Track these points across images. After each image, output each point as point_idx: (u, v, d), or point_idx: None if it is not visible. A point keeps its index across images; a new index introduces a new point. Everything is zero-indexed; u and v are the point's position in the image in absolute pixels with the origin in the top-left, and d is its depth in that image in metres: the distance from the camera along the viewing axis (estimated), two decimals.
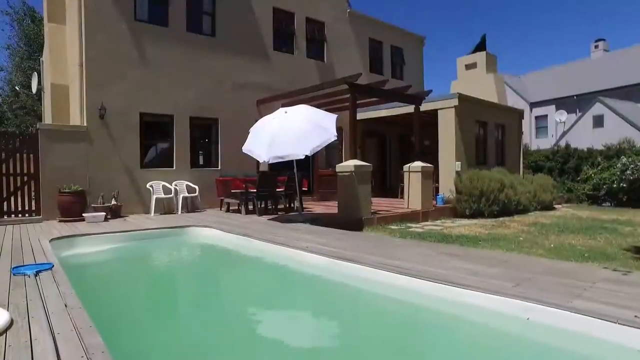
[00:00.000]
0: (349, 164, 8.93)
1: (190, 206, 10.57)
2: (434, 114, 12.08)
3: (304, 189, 9.26)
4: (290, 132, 7.51)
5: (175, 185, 10.24)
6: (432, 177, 10.95)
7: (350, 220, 8.68)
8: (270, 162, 7.78)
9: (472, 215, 11.00)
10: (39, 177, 8.75)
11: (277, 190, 9.80)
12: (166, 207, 10.24)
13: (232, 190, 9.76)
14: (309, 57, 13.64)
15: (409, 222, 9.74)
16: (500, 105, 14.61)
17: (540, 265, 4.20)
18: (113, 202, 9.13)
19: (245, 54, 11.92)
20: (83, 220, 8.41)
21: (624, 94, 23.80)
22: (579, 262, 5.35)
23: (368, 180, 9.17)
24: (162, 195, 9.80)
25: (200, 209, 10.56)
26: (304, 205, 8.95)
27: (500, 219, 10.83)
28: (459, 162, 11.75)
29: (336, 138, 7.55)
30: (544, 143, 26.12)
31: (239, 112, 11.75)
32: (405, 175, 10.88)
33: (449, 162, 11.82)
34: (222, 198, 10.26)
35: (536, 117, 27.51)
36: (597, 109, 21.93)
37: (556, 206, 15.10)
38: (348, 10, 14.78)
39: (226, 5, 11.56)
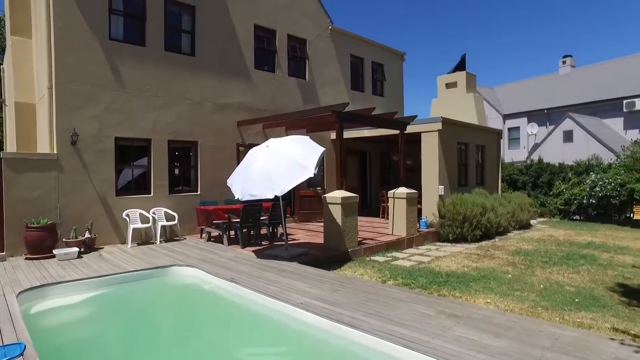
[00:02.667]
0: (336, 196, 8.75)
1: (169, 234, 10.13)
2: (417, 134, 12.04)
3: (287, 215, 9.00)
4: (265, 171, 7.27)
5: (153, 212, 9.77)
6: (416, 203, 10.91)
7: (336, 253, 8.52)
8: (243, 199, 7.55)
9: (455, 240, 11.05)
10: (2, 211, 8.10)
11: (261, 219, 9.49)
12: (144, 237, 9.76)
13: (214, 221, 9.38)
14: (291, 75, 13.37)
15: (394, 251, 9.67)
16: (481, 126, 14.79)
17: (545, 334, 4.13)
18: (86, 234, 8.60)
19: (225, 74, 11.54)
20: (53, 256, 7.85)
21: (591, 110, 24.69)
22: (579, 321, 5.35)
23: (355, 212, 9.02)
24: (140, 225, 9.32)
25: (180, 237, 10.13)
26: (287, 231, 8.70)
27: (483, 243, 10.93)
28: (442, 186, 11.77)
29: (313, 175, 7.38)
30: (517, 154, 26.81)
31: (220, 135, 11.37)
32: (390, 201, 10.79)
33: (432, 185, 11.83)
34: (203, 227, 9.86)
35: (509, 129, 28.19)
36: (567, 124, 22.65)
37: (532, 222, 15.46)
38: (329, 27, 14.61)
39: (206, 24, 11.15)
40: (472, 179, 13.81)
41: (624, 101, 23.50)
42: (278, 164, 7.33)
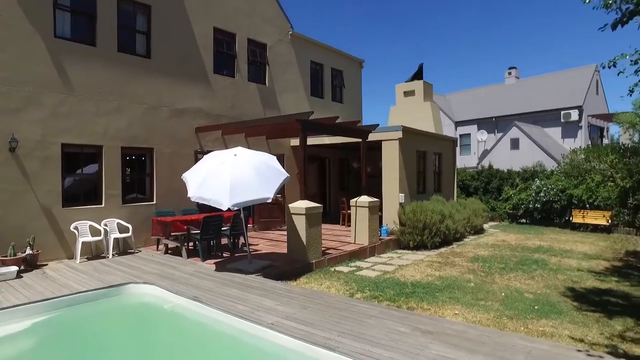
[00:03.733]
0: (300, 206, 8.61)
1: (123, 247, 9.51)
2: (377, 142, 12.14)
3: (248, 225, 8.74)
4: (226, 180, 6.98)
5: (105, 224, 9.13)
6: (378, 211, 10.98)
7: (301, 264, 8.37)
8: (193, 199, 7.26)
9: (416, 247, 11.25)
10: None
11: (222, 230, 9.15)
12: (94, 251, 9.09)
13: (173, 233, 8.90)
14: (251, 81, 13.07)
15: (358, 260, 9.67)
16: (438, 135, 15.21)
17: (517, 348, 4.23)
18: (27, 250, 7.85)
19: (183, 78, 11.06)
20: None
21: (533, 119, 26.23)
22: (542, 329, 5.54)
23: (319, 222, 8.93)
24: (90, 238, 8.66)
25: (134, 250, 9.54)
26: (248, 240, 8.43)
27: (443, 250, 11.21)
28: (403, 194, 11.95)
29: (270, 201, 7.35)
30: (468, 160, 27.92)
31: (177, 141, 10.86)
32: (353, 209, 10.80)
33: (393, 193, 11.97)
34: (159, 238, 9.36)
35: (460, 135, 29.33)
36: (514, 132, 23.91)
37: (485, 226, 16.12)
38: (290, 32, 14.46)
39: (163, 24, 10.63)
40: (430, 186, 14.16)
41: (562, 112, 25.18)
42: (241, 178, 7.06)
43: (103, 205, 9.37)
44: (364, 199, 10.65)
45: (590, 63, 28.79)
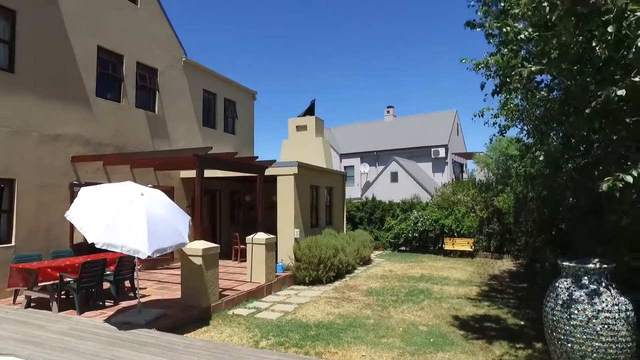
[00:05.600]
0: (196, 247, 8.05)
1: None
2: (272, 177, 12.10)
3: (137, 266, 7.81)
4: (144, 223, 6.24)
5: None
6: (275, 248, 10.85)
7: (197, 310, 7.77)
8: (98, 245, 6.30)
9: (312, 282, 11.33)
10: None
11: (105, 275, 8.03)
12: None
13: (41, 283, 7.49)
14: (138, 107, 12.07)
15: (255, 300, 9.38)
16: (330, 170, 15.82)
17: None
18: None
19: (58, 99, 9.70)
20: None
21: (409, 155, 29.11)
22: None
23: (216, 263, 8.47)
24: None
25: None
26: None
27: (337, 284, 11.49)
28: (298, 229, 12.04)
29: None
30: (352, 191, 29.54)
31: (48, 171, 9.39)
32: (249, 247, 10.48)
33: (288, 228, 11.98)
34: (19, 289, 7.81)
35: (345, 167, 31.01)
36: (394, 166, 26.16)
37: (371, 256, 17.04)
38: (183, 59, 13.85)
39: (32, 34, 9.25)
40: (323, 219, 14.54)
41: (432, 149, 28.47)
42: (157, 222, 6.39)
43: None
44: (261, 236, 10.44)
45: (453, 108, 33.27)
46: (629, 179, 3.81)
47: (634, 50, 3.77)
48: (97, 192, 6.88)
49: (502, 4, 6.30)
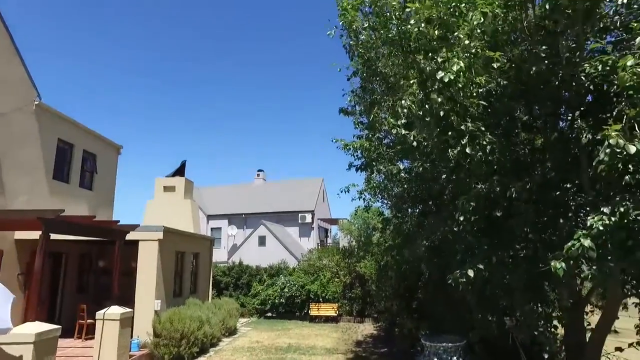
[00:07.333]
0: (27, 332, 6.61)
1: None
2: (134, 241, 11.00)
3: None
4: None
5: None
6: (131, 323, 9.64)
7: None
8: None
9: None
10: None
11: None
12: None
13: None
14: None
15: None
16: (198, 235, 15.10)
17: None
18: None
19: None
20: None
21: (277, 218, 29.59)
22: None
23: (54, 350, 7.10)
24: None
25: None
26: None
27: None
28: (159, 300, 10.97)
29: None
30: (219, 254, 28.37)
31: None
32: (99, 323, 9.10)
33: (147, 300, 10.83)
34: None
35: (212, 229, 29.90)
36: (262, 230, 26.15)
37: (237, 324, 16.22)
38: (36, 102, 12.23)
39: None
40: (187, 288, 13.55)
41: (299, 214, 29.48)
42: None
43: None
44: (115, 311, 9.19)
45: (320, 175, 35.38)
46: (471, 273, 4.52)
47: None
48: None
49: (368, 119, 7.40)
